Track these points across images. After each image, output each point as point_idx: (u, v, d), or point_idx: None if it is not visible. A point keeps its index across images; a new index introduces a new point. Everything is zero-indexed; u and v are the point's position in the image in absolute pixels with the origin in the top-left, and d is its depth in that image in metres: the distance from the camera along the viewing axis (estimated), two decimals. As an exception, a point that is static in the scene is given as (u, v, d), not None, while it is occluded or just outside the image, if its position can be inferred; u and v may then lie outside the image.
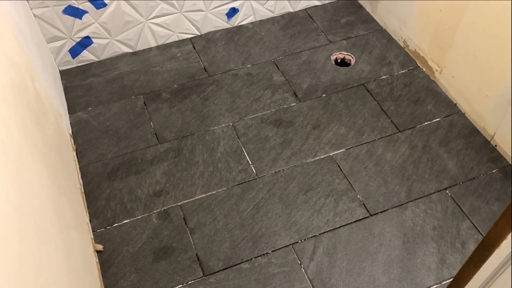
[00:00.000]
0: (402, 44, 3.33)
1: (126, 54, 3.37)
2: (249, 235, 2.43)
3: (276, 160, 2.73)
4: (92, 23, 3.12)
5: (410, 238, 2.40)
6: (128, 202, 2.58)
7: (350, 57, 3.29)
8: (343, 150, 2.77)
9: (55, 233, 1.70)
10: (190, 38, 3.47)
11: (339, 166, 2.69)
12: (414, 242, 2.38)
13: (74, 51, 3.22)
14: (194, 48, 3.40)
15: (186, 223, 2.48)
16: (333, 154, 2.75)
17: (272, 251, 2.38)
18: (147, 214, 2.53)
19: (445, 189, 2.58)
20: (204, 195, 2.59)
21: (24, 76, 2.04)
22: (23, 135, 1.69)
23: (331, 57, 3.30)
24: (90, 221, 2.52)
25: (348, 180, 2.63)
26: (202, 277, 2.30)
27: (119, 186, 2.65)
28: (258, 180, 2.65)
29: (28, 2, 2.87)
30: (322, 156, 2.74)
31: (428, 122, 2.88)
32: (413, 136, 2.81)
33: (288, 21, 3.57)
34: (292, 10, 3.64)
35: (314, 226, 2.46)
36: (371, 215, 2.49)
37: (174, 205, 2.56)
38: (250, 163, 2.72)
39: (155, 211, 2.54)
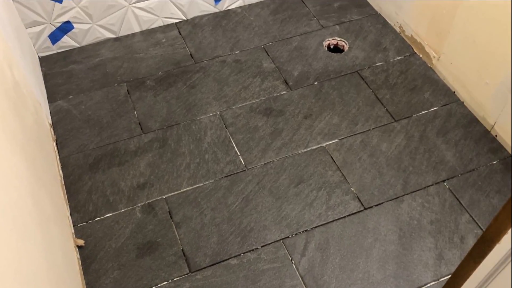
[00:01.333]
0: (398, 29, 3.32)
1: (108, 39, 3.35)
2: (238, 230, 2.41)
3: (266, 151, 2.71)
4: (73, 7, 3.09)
5: (406, 233, 2.39)
6: (110, 195, 2.56)
7: (343, 43, 3.28)
8: (336, 140, 2.75)
9: (34, 228, 1.69)
10: (176, 23, 3.45)
11: (332, 157, 2.67)
12: (410, 237, 2.37)
13: (54, 37, 3.19)
14: (180, 34, 3.38)
15: (171, 217, 2.47)
16: (326, 145, 2.73)
17: (262, 247, 2.36)
18: (130, 207, 2.51)
19: (443, 181, 2.57)
20: (190, 188, 2.57)
21: (2, 63, 2.05)
22: (0, 125, 1.70)
23: (324, 43, 3.28)
24: (70, 215, 2.50)
25: (341, 172, 2.62)
26: (188, 273, 2.29)
27: (101, 178, 2.63)
28: (247, 172, 2.63)
29: (4, -16, 2.84)
30: (314, 147, 2.72)
31: (425, 111, 2.87)
32: (410, 125, 2.80)
33: (279, 5, 3.55)
34: (283, -6, 3.63)
35: (306, 220, 2.44)
36: (365, 208, 2.49)
37: (159, 198, 2.54)
38: (239, 154, 2.70)
39: (139, 205, 2.52)
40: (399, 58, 3.17)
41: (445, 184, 2.56)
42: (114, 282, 2.26)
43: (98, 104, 2.96)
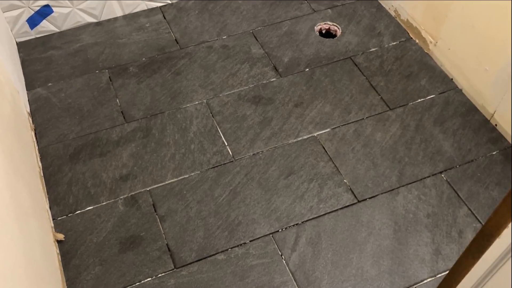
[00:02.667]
0: (393, 14, 3.30)
1: (89, 24, 3.34)
2: (225, 224, 2.40)
3: (254, 140, 2.70)
4: (52, -10, 3.07)
5: (401, 227, 2.38)
6: (92, 187, 2.55)
7: (335, 28, 3.26)
8: (328, 130, 2.74)
9: (12, 222, 1.69)
10: (160, 7, 3.44)
11: (323, 148, 2.66)
12: (406, 231, 2.37)
13: (33, 21, 3.18)
14: (165, 18, 3.36)
15: (155, 210, 2.46)
16: (317, 134, 2.72)
17: (250, 241, 2.36)
18: (112, 200, 2.51)
19: (440, 172, 2.57)
20: (175, 180, 2.56)
21: (-23, 49, 2.03)
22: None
23: (315, 27, 3.27)
24: (50, 208, 2.50)
25: (333, 162, 2.61)
26: (173, 269, 2.28)
27: (82, 170, 2.62)
28: (235, 163, 2.62)
29: (-21, -35, 2.81)
30: (305, 137, 2.71)
31: (422, 99, 2.86)
32: (405, 114, 2.79)
33: (269, -12, 3.53)
34: (272, -23, 3.60)
35: (297, 213, 2.43)
36: (359, 201, 2.48)
37: (142, 190, 2.54)
38: (226, 144, 2.69)
39: (121, 197, 2.51)
40: (394, 43, 3.16)
41: (443, 175, 2.55)
42: (95, 278, 2.26)
43: (79, 91, 2.95)
